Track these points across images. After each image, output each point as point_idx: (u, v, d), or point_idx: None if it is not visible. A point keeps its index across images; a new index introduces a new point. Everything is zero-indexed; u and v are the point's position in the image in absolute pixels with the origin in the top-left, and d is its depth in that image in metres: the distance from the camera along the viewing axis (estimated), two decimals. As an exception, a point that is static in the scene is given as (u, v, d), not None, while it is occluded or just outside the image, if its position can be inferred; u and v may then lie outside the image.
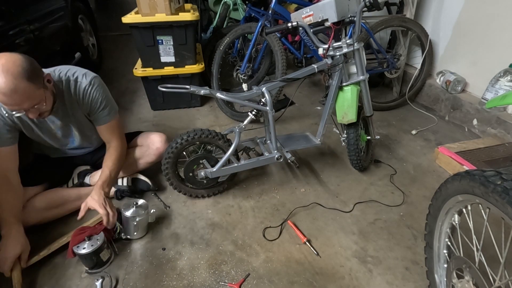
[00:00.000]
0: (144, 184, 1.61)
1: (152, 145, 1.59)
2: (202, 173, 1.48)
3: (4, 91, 1.01)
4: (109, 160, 1.40)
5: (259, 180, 1.74)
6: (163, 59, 2.28)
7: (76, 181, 1.56)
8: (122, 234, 1.35)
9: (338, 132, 1.79)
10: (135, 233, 1.36)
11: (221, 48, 2.34)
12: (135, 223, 1.33)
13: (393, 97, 2.67)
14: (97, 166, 1.59)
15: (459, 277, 0.92)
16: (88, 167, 1.61)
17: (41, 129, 1.34)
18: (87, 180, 1.56)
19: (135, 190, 1.60)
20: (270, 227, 1.45)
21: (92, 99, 1.32)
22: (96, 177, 1.53)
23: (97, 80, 1.34)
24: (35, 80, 1.07)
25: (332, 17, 1.44)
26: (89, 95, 1.31)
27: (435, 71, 2.48)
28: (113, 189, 1.56)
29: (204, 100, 2.64)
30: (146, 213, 1.36)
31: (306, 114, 2.47)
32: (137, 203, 1.37)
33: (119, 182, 1.57)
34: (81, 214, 1.25)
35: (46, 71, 1.21)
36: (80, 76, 1.30)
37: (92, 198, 1.26)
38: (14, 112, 1.13)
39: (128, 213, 1.32)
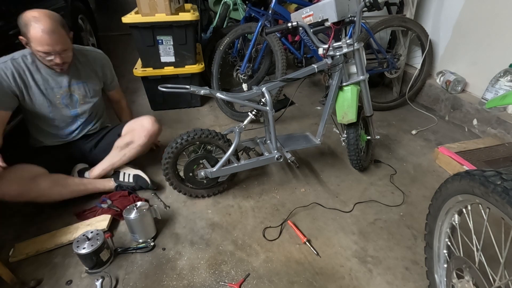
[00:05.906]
0: (143, 182, 1.61)
1: (141, 127, 1.62)
2: (202, 173, 1.48)
3: (47, 30, 1.26)
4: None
5: (259, 180, 1.74)
6: (163, 59, 2.28)
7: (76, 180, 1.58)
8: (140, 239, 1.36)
9: (338, 132, 1.80)
10: (144, 233, 1.35)
11: (221, 48, 2.34)
12: (139, 223, 1.32)
13: (393, 97, 2.67)
14: (92, 161, 1.64)
15: (459, 277, 0.92)
16: (87, 166, 1.65)
17: (47, 96, 1.46)
18: (86, 175, 1.60)
19: (134, 187, 1.61)
20: (270, 227, 1.45)
21: (109, 66, 1.68)
22: (95, 171, 1.59)
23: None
24: (66, 29, 1.36)
25: (332, 17, 1.45)
26: (106, 62, 1.67)
27: (435, 71, 2.49)
28: (113, 183, 1.60)
29: (204, 100, 2.64)
30: (148, 210, 1.35)
31: (306, 114, 2.47)
32: (136, 205, 1.36)
33: (121, 177, 1.61)
34: None
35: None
36: (92, 48, 1.64)
37: None
38: (48, 57, 1.33)
39: (131, 216, 1.30)
